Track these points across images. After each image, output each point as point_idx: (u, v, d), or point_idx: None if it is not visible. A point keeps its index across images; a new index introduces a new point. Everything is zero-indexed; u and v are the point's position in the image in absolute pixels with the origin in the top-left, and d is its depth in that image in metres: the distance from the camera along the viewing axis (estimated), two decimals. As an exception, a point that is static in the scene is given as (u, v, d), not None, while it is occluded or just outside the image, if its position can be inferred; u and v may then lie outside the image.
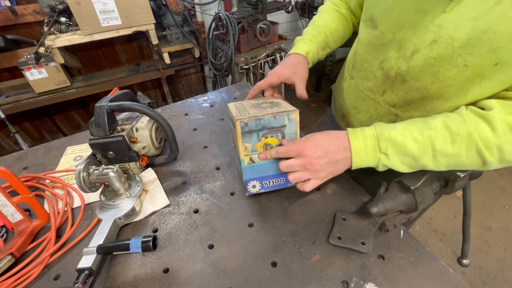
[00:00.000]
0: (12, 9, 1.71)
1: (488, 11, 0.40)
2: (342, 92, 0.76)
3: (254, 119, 0.56)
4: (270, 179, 0.62)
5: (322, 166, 0.52)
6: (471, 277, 1.55)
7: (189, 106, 1.04)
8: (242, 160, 0.60)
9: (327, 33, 0.73)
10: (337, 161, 0.53)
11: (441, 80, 0.50)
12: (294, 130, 0.59)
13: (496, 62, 0.43)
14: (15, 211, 0.59)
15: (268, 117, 0.56)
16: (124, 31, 1.76)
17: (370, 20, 0.59)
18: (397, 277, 0.52)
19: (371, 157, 0.51)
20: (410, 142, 0.48)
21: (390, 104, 0.62)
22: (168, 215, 0.65)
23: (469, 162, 0.47)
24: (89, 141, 0.64)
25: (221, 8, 2.24)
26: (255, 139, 0.58)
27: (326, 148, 0.52)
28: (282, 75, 0.65)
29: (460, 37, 0.44)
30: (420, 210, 0.58)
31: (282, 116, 0.57)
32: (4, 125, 1.89)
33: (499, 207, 1.91)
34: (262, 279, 0.52)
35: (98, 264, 0.50)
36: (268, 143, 0.59)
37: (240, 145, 0.58)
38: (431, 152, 0.47)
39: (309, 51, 0.70)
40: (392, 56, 0.56)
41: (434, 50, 0.48)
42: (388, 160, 0.50)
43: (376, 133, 0.51)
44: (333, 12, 0.77)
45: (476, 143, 0.44)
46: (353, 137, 0.52)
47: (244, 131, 0.57)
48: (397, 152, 0.49)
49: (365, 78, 0.65)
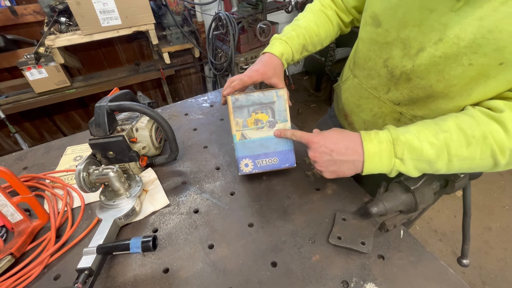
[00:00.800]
0: (12, 9, 1.71)
1: (495, 10, 0.40)
2: (345, 91, 0.76)
3: (244, 95, 0.62)
4: (263, 158, 0.64)
5: (324, 163, 0.53)
6: (471, 277, 1.55)
7: (189, 106, 1.04)
8: (234, 135, 0.63)
9: (306, 36, 0.72)
10: (341, 162, 0.52)
11: (446, 79, 0.50)
12: (283, 107, 0.63)
13: (501, 62, 0.43)
14: (15, 211, 0.59)
15: (258, 93, 0.62)
16: (124, 31, 1.75)
17: (372, 18, 0.59)
18: (397, 277, 0.52)
19: (385, 162, 0.49)
20: (427, 146, 0.46)
21: (395, 102, 0.61)
22: (168, 215, 0.65)
23: (482, 164, 0.46)
24: (89, 141, 0.64)
25: (221, 8, 2.24)
26: (246, 114, 0.62)
27: (333, 146, 0.52)
28: (265, 74, 0.65)
29: (466, 36, 0.44)
30: (420, 210, 0.58)
31: (270, 93, 0.62)
32: (4, 125, 1.89)
33: (499, 207, 1.91)
34: (262, 279, 0.52)
35: (98, 264, 0.50)
36: (258, 119, 0.63)
37: (232, 120, 0.62)
38: (447, 156, 0.46)
39: (283, 53, 0.69)
40: (396, 54, 0.56)
41: (440, 49, 0.48)
42: (403, 165, 0.49)
43: (391, 137, 0.49)
44: (318, 13, 0.75)
45: (491, 145, 0.44)
46: (367, 141, 0.50)
47: (235, 106, 0.62)
48: (413, 157, 0.48)
49: (369, 77, 0.65)
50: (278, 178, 0.73)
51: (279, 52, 0.69)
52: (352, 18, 0.75)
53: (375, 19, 0.58)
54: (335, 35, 0.79)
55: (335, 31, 0.78)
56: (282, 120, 0.63)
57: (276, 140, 0.64)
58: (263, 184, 0.72)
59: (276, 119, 0.63)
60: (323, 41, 0.77)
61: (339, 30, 0.78)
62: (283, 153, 0.64)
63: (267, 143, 0.63)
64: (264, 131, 0.64)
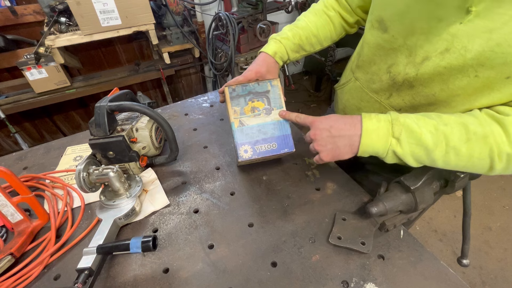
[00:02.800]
0: (12, 9, 1.71)
1: (505, 24, 0.39)
2: (346, 92, 0.76)
3: (240, 85, 0.67)
4: (262, 144, 0.65)
5: (322, 140, 0.54)
6: (471, 277, 1.55)
7: (189, 106, 1.04)
8: (232, 123, 0.65)
9: (302, 36, 0.73)
10: (339, 137, 0.52)
11: (450, 89, 0.49)
12: (278, 95, 0.67)
13: (508, 76, 0.42)
14: (15, 211, 0.59)
15: (253, 83, 0.67)
16: (124, 31, 1.75)
17: (378, 22, 0.58)
18: (397, 277, 0.52)
19: (382, 140, 0.49)
20: (425, 132, 0.46)
21: (396, 108, 0.61)
22: (168, 215, 0.65)
23: (478, 164, 0.46)
24: (89, 141, 0.64)
25: (221, 8, 2.24)
26: (243, 103, 0.66)
27: (333, 123, 0.53)
28: (259, 72, 0.69)
29: (473, 48, 0.43)
30: (420, 210, 0.58)
31: (265, 83, 0.67)
32: (4, 125, 1.89)
33: (499, 207, 1.91)
34: (262, 279, 0.52)
35: (98, 264, 0.50)
36: (255, 106, 0.66)
37: (230, 108, 0.66)
38: (445, 147, 0.46)
39: (276, 52, 0.71)
40: (401, 61, 0.55)
41: (445, 59, 0.47)
42: (400, 147, 0.48)
43: (391, 118, 0.50)
44: (320, 14, 0.75)
45: (491, 146, 0.43)
46: (366, 118, 0.51)
47: (232, 96, 0.66)
48: (410, 141, 0.48)
49: (371, 81, 0.64)
50: (278, 178, 0.73)
51: (272, 51, 0.71)
52: (358, 19, 0.75)
53: (382, 23, 0.57)
54: (337, 35, 0.79)
55: (337, 32, 0.78)
56: (278, 107, 0.67)
57: (274, 126, 0.66)
58: (263, 184, 0.72)
59: (272, 106, 0.66)
60: (323, 42, 0.77)
61: (342, 31, 0.78)
62: (281, 138, 0.66)
63: (265, 128, 0.65)
64: (261, 118, 0.66)
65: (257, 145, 0.65)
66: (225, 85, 0.68)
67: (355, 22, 0.76)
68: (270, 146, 0.65)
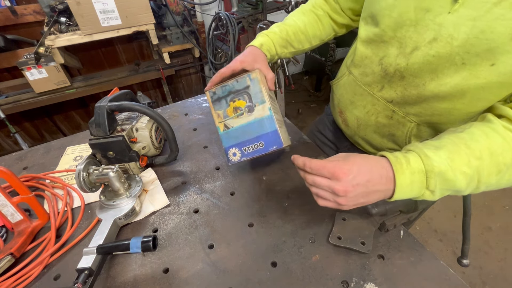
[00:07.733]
0: (12, 9, 1.72)
1: (488, 11, 0.41)
2: (340, 87, 0.77)
3: (220, 86, 0.64)
4: (248, 145, 0.63)
5: (356, 196, 0.44)
6: (471, 277, 1.54)
7: (189, 106, 1.04)
8: (218, 127, 0.64)
9: (289, 32, 0.74)
10: (373, 192, 0.45)
11: (439, 77, 0.51)
12: (258, 89, 0.61)
13: (493, 63, 0.44)
14: (15, 211, 0.59)
15: (232, 82, 0.63)
16: (124, 31, 1.76)
17: (370, 18, 0.60)
18: (397, 277, 0.52)
19: (414, 192, 0.45)
20: (460, 177, 0.43)
21: (388, 100, 0.62)
22: (168, 215, 0.65)
23: (504, 186, 0.46)
24: (89, 141, 0.64)
25: (221, 8, 2.24)
26: (224, 105, 0.64)
27: (368, 176, 0.44)
28: (244, 61, 0.66)
29: (459, 36, 0.45)
30: (420, 210, 0.58)
31: (243, 78, 0.62)
32: (4, 125, 1.89)
33: (499, 207, 1.91)
34: (262, 279, 0.52)
35: (98, 264, 0.50)
36: (237, 106, 0.63)
37: (214, 113, 0.65)
38: (476, 184, 0.44)
39: (263, 44, 0.72)
40: (392, 53, 0.57)
41: (434, 48, 0.49)
42: (432, 196, 0.45)
43: (424, 168, 0.43)
44: (308, 13, 0.76)
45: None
46: (399, 172, 0.44)
47: (213, 100, 0.65)
48: (443, 187, 0.44)
49: (364, 74, 0.66)
50: (278, 178, 0.73)
51: (258, 43, 0.72)
52: (348, 21, 0.76)
53: (373, 19, 0.59)
54: (326, 35, 0.79)
55: (326, 31, 0.78)
56: (260, 102, 0.61)
57: (258, 124, 0.62)
58: (263, 184, 0.72)
59: (253, 102, 0.62)
60: (312, 40, 0.77)
61: (332, 31, 0.79)
62: (267, 135, 0.62)
63: (248, 128, 0.63)
64: (244, 117, 0.63)
65: (244, 147, 0.63)
66: (205, 89, 0.66)
67: (345, 24, 0.77)
68: (257, 145, 0.62)
